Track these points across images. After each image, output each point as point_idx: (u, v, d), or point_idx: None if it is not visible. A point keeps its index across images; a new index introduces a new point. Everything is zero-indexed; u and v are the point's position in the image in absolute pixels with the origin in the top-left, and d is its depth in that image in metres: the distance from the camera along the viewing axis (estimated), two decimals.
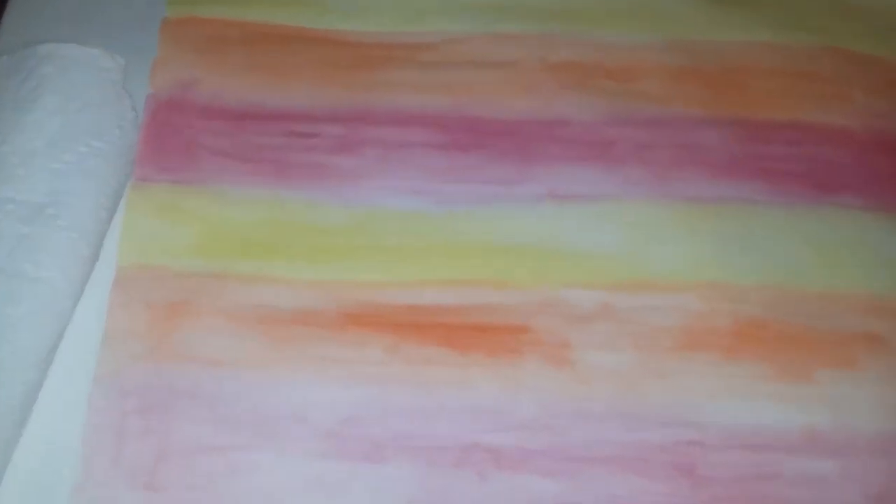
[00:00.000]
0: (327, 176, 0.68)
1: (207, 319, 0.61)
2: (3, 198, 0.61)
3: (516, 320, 0.62)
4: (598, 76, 0.74)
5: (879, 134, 0.71)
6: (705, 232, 0.66)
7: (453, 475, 0.57)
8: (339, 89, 0.72)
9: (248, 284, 0.63)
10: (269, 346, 0.60)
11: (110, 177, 0.65)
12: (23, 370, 0.57)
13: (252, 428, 0.58)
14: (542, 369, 0.60)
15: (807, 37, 0.76)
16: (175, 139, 0.69)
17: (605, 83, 0.73)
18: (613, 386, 0.60)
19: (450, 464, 0.57)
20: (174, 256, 0.64)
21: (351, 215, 0.66)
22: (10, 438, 0.56)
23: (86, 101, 0.67)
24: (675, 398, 0.59)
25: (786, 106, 0.73)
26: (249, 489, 0.56)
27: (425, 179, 0.68)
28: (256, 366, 0.60)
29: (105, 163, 0.65)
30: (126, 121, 0.68)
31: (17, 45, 0.69)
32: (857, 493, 0.57)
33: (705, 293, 0.63)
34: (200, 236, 0.65)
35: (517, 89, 0.73)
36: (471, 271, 0.64)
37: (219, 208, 0.66)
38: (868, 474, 0.57)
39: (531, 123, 0.71)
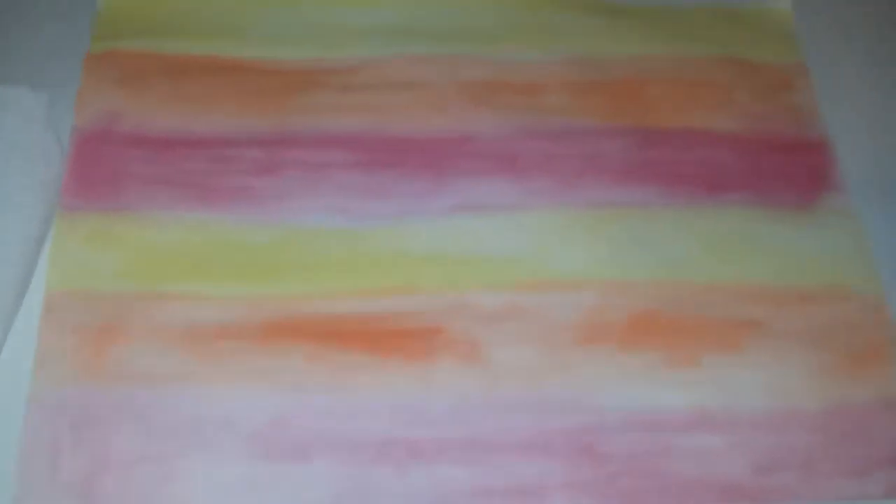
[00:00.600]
0: (250, 197, 0.70)
1: (137, 338, 0.64)
2: None
3: (430, 323, 0.66)
4: (505, 93, 0.77)
5: (762, 135, 0.76)
6: (603, 234, 0.70)
7: (374, 469, 0.60)
8: (261, 115, 0.74)
9: (175, 303, 0.65)
10: (196, 360, 0.63)
11: (38, 209, 0.66)
12: None
13: (183, 437, 0.61)
14: (456, 367, 0.64)
15: (698, 48, 0.81)
16: (101, 168, 0.71)
17: (512, 99, 0.77)
18: (520, 379, 0.64)
19: (370, 459, 0.61)
20: (103, 280, 0.66)
21: (273, 234, 0.69)
22: None
23: (10, 138, 0.68)
24: (576, 387, 0.64)
25: (679, 114, 0.77)
26: (184, 494, 0.59)
27: (344, 197, 0.71)
28: (185, 379, 0.63)
29: (32, 196, 0.66)
30: (52, 155, 0.69)
31: None
32: (742, 464, 0.62)
33: (602, 290, 0.68)
34: (128, 260, 0.67)
35: (429, 108, 0.76)
36: (387, 280, 0.68)
37: (146, 232, 0.68)
38: (753, 447, 0.62)
39: (443, 141, 0.74)
